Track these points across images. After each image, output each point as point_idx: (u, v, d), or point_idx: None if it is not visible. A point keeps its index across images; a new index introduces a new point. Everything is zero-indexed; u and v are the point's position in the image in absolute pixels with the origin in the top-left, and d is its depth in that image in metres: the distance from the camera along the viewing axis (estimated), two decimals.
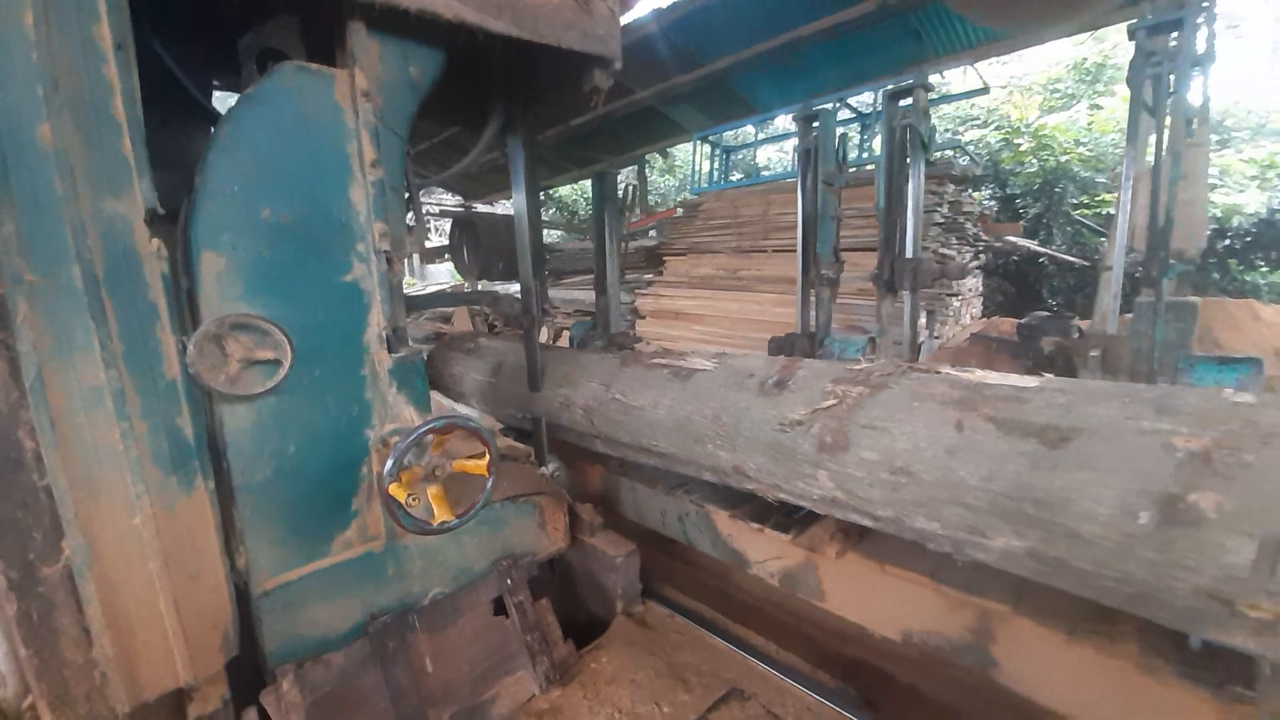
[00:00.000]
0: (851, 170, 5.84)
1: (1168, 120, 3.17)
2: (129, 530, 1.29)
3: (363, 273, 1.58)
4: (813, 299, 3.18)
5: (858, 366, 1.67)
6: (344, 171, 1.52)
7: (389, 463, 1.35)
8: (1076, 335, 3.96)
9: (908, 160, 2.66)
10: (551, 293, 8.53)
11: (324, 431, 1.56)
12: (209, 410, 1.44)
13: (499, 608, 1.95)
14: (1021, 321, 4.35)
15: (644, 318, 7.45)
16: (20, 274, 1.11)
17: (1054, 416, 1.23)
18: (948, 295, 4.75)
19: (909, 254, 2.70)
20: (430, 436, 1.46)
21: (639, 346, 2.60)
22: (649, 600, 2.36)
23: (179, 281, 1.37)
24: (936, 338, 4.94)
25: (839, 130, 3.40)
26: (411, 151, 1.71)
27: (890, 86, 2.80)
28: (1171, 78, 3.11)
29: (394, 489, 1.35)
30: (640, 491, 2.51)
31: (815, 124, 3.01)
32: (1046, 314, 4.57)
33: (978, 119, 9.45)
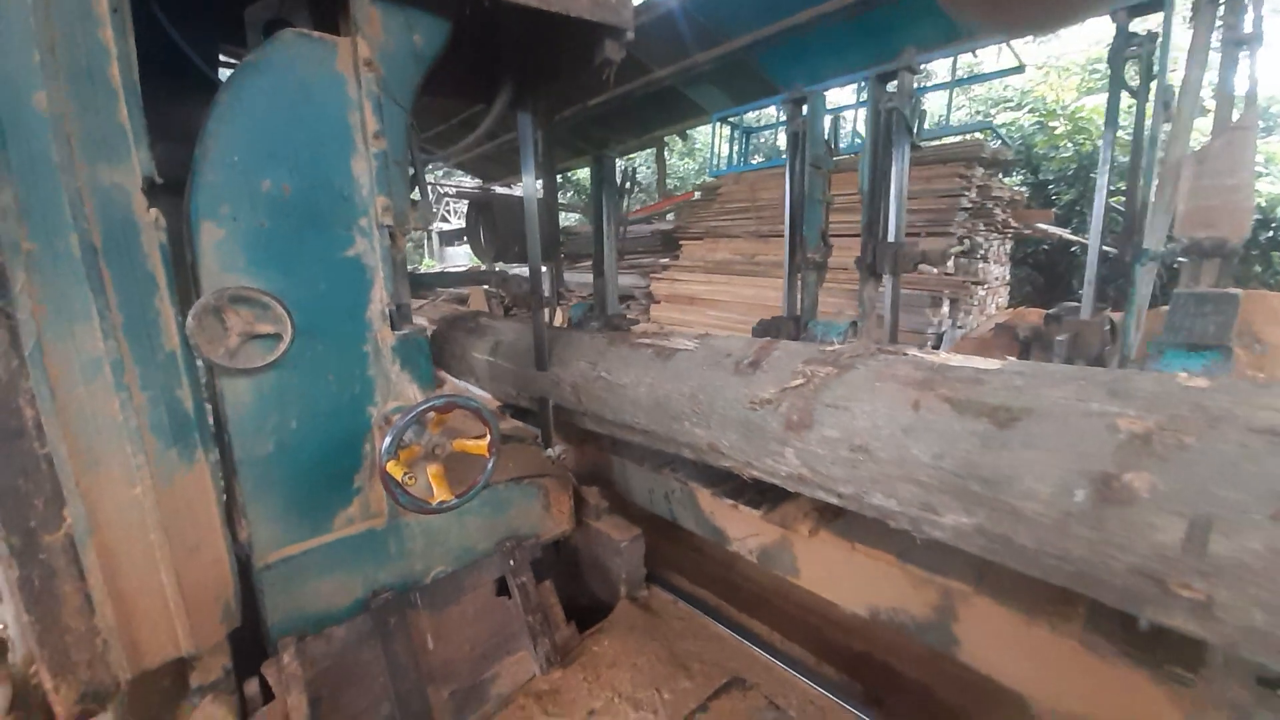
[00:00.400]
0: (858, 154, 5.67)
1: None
2: (129, 500, 1.29)
3: (365, 248, 1.55)
4: (799, 283, 3.19)
5: (830, 348, 1.69)
6: (346, 143, 1.48)
7: (387, 440, 1.33)
8: (1108, 327, 3.80)
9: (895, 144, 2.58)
10: (567, 275, 8.50)
11: (326, 407, 1.55)
12: (210, 383, 1.44)
13: (502, 588, 1.95)
14: (1049, 312, 4.18)
15: (659, 302, 7.38)
16: (18, 242, 1.10)
17: (1008, 398, 1.25)
18: (973, 284, 4.60)
19: (891, 238, 2.68)
20: (431, 415, 1.44)
21: (637, 329, 2.58)
22: (653, 585, 2.34)
23: (180, 253, 1.36)
24: (960, 328, 4.80)
25: (829, 115, 3.31)
26: (415, 124, 1.66)
27: (881, 69, 2.72)
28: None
29: (391, 467, 1.34)
30: (630, 469, 2.54)
31: (804, 107, 2.96)
32: (1076, 305, 4.40)
33: (1011, 100, 9.07)
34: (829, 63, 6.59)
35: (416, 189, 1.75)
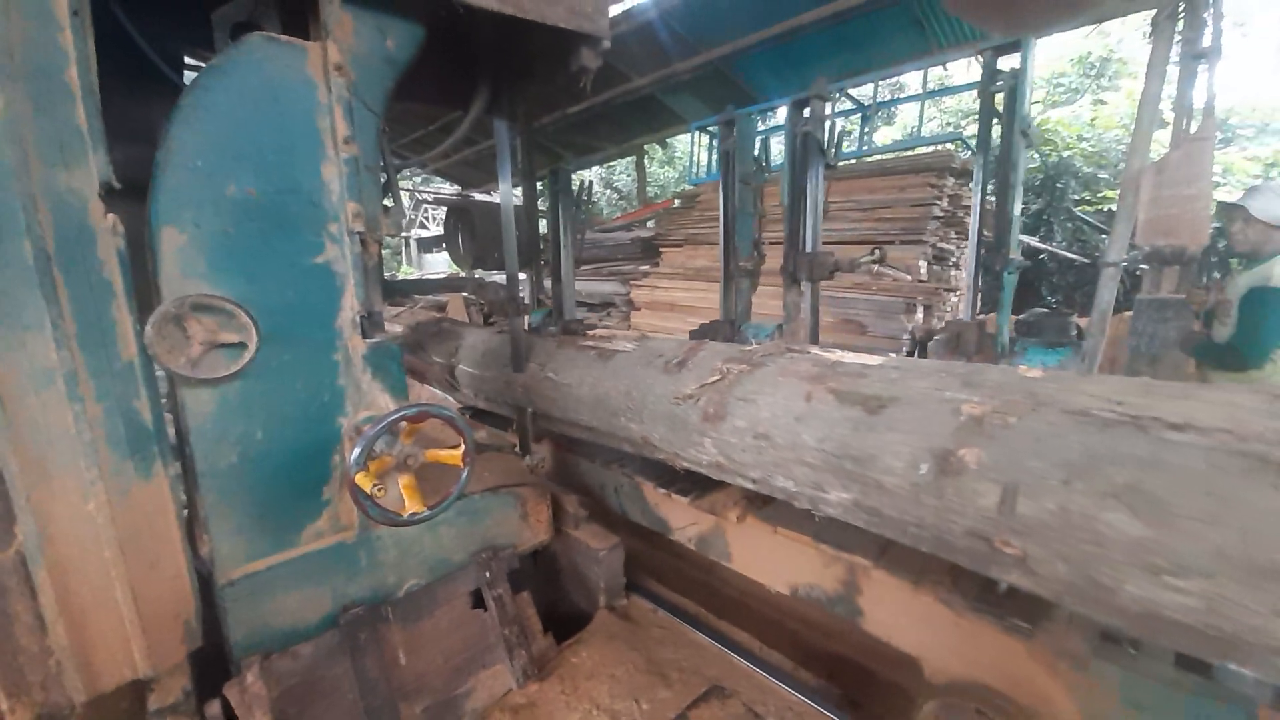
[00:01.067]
0: (851, 162, 5.78)
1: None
2: (83, 515, 1.24)
3: (335, 254, 1.52)
4: (734, 289, 3.47)
5: (748, 348, 1.84)
6: (315, 147, 1.46)
7: (355, 451, 1.30)
8: (1075, 333, 3.92)
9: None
10: (547, 283, 8.45)
11: (293, 418, 1.51)
12: (171, 394, 1.39)
13: (478, 600, 1.91)
14: (1019, 318, 4.29)
15: (639, 309, 7.39)
16: None
17: (881, 389, 1.41)
18: (945, 290, 4.70)
19: (809, 249, 2.89)
20: (403, 424, 1.41)
21: (595, 333, 2.77)
22: (632, 594, 2.33)
23: (143, 260, 1.32)
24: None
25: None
26: (388, 129, 1.64)
27: (796, 97, 2.98)
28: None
29: (360, 478, 1.30)
30: (584, 466, 2.65)
31: (735, 128, 3.24)
32: (1045, 311, 4.52)
33: (978, 113, 9.29)
34: (805, 72, 6.72)
35: (389, 195, 1.73)
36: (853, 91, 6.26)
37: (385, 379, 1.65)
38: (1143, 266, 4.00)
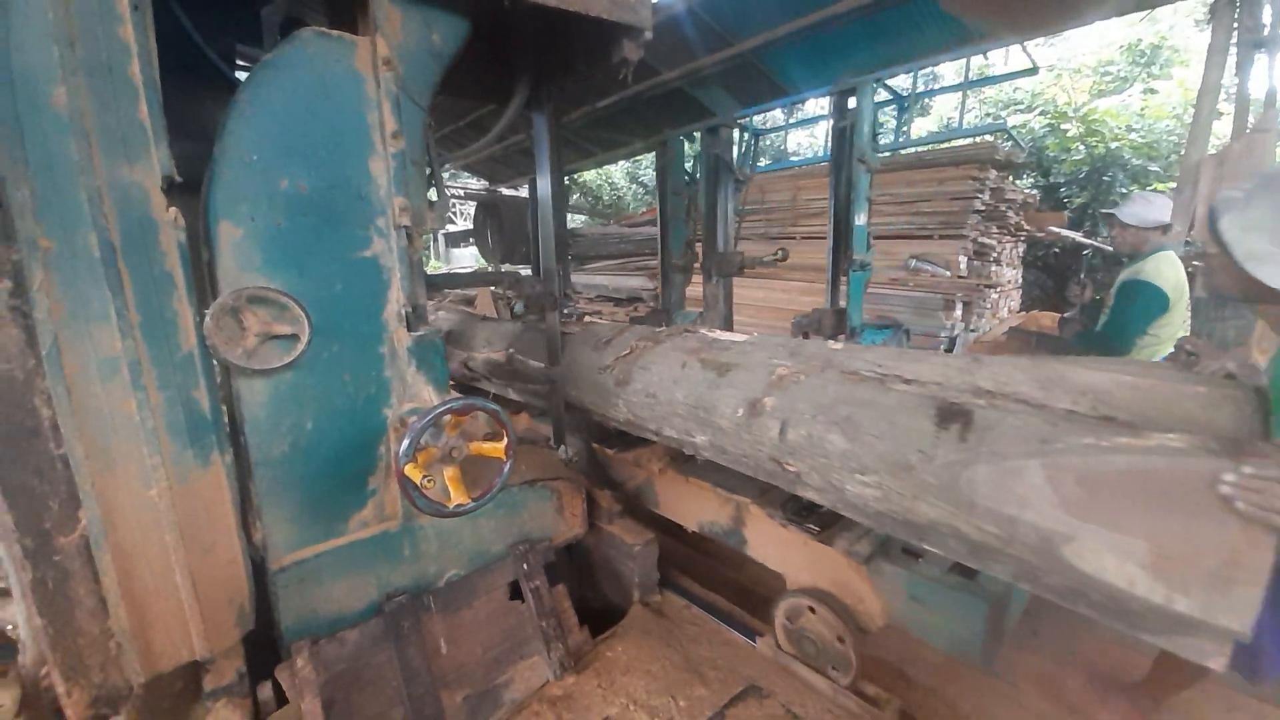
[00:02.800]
0: (886, 155, 5.63)
1: None
2: (145, 502, 1.28)
3: (382, 248, 1.54)
4: (670, 281, 3.88)
5: (659, 329, 2.29)
6: (364, 142, 1.47)
7: (405, 442, 1.31)
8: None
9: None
10: (574, 278, 8.47)
11: (341, 409, 1.54)
12: (227, 384, 1.42)
13: (515, 592, 1.93)
14: (1065, 315, 4.14)
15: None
16: (35, 240, 1.09)
17: (732, 358, 1.83)
18: (985, 286, 4.55)
19: (720, 249, 3.34)
20: (448, 417, 1.42)
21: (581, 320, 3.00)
22: (666, 590, 2.32)
23: (198, 253, 1.35)
24: (972, 330, 4.75)
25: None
26: (433, 124, 1.65)
27: (709, 124, 3.38)
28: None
29: (409, 470, 1.32)
30: (538, 428, 2.95)
31: (668, 147, 3.65)
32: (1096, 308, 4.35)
33: (1021, 103, 8.99)
34: (836, 64, 6.57)
35: (433, 189, 1.74)
36: (890, 82, 6.09)
37: (429, 372, 1.66)
38: (1195, 263, 3.82)
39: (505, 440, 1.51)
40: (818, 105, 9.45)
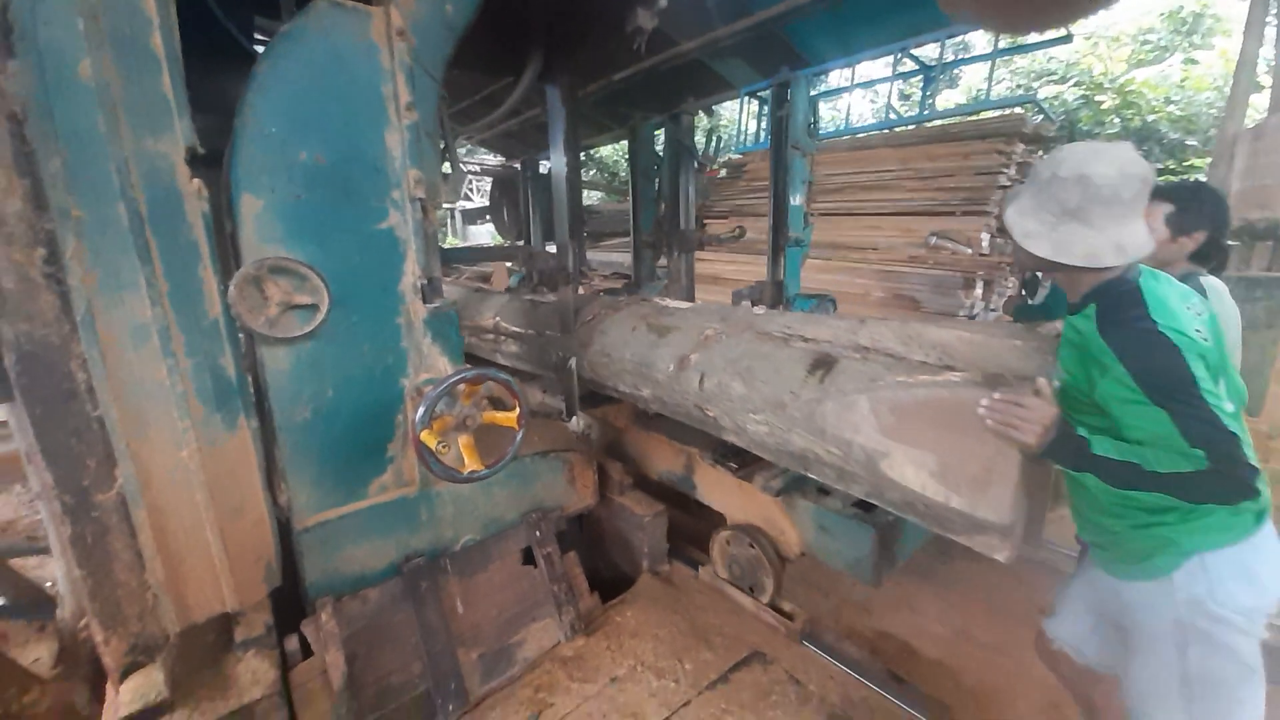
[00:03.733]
0: (911, 128, 5.48)
1: None
2: (176, 462, 1.34)
3: (398, 220, 1.56)
4: (640, 256, 4.02)
5: (621, 298, 2.60)
6: (379, 114, 1.49)
7: (421, 409, 1.35)
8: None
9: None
10: (589, 255, 8.44)
11: (360, 378, 1.59)
12: (251, 351, 1.47)
13: (528, 558, 1.99)
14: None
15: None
16: (68, 210, 1.13)
17: (672, 322, 2.10)
18: (1007, 265, 4.45)
19: (681, 227, 3.57)
20: (462, 386, 1.46)
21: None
22: (674, 560, 2.37)
23: (221, 223, 1.39)
24: (992, 310, 4.65)
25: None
26: (446, 96, 1.65)
27: (671, 112, 3.63)
28: None
29: (425, 436, 1.36)
30: (528, 392, 3.34)
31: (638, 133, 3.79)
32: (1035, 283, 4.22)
33: (1054, 73, 8.61)
34: (862, 33, 6.35)
35: (447, 162, 1.75)
36: (915, 51, 5.89)
37: (444, 343, 1.70)
38: (1228, 242, 3.69)
39: (517, 410, 1.54)
40: (840, 77, 9.18)
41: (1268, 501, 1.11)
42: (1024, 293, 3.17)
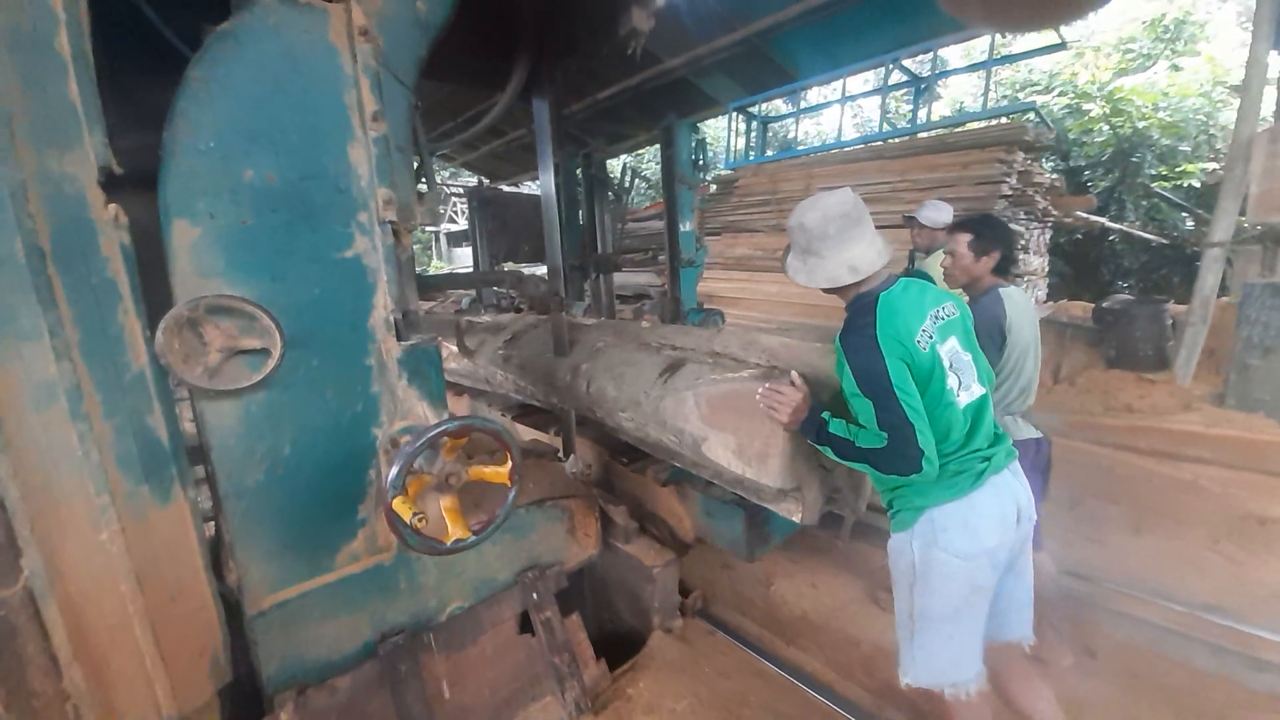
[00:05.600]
0: (903, 140, 5.40)
1: None
2: (95, 546, 1.11)
3: (366, 247, 1.35)
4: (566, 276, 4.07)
5: (543, 318, 2.70)
6: (341, 126, 1.28)
7: (392, 472, 1.13)
8: (1169, 323, 3.53)
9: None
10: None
11: (324, 430, 1.36)
12: (192, 407, 1.24)
13: (524, 624, 1.75)
14: (1104, 305, 3.90)
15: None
16: None
17: (577, 336, 2.34)
18: (1016, 276, 4.32)
19: (599, 251, 3.75)
20: (444, 440, 1.24)
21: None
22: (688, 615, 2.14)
23: (158, 257, 1.17)
24: None
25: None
26: (419, 105, 1.46)
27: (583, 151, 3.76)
28: None
29: (399, 504, 1.13)
30: (476, 405, 3.44)
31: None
32: (1132, 299, 4.09)
33: (1038, 84, 8.66)
34: (849, 47, 6.31)
35: (423, 180, 1.56)
36: (907, 62, 5.84)
37: (422, 385, 1.48)
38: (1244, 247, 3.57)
39: (510, 463, 1.32)
40: (820, 94, 9.19)
41: (983, 470, 1.35)
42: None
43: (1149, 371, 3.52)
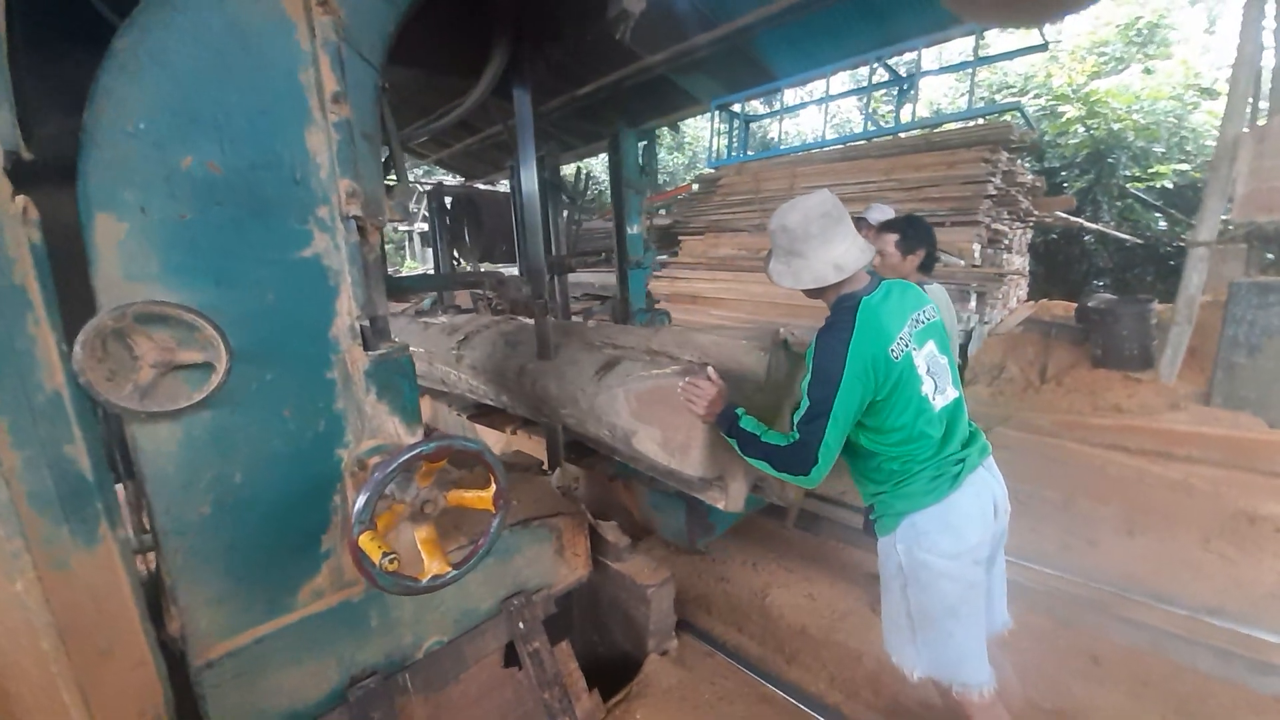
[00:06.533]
0: (887, 139, 5.37)
1: None
2: (8, 598, 0.94)
3: (327, 245, 1.20)
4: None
5: (496, 318, 2.89)
6: (297, 108, 1.13)
7: (358, 503, 0.99)
8: (1154, 322, 3.53)
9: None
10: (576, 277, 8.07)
11: (282, 454, 1.20)
12: (123, 431, 1.08)
13: (510, 656, 1.61)
14: (1088, 304, 3.91)
15: (659, 302, 7.04)
16: None
17: (524, 337, 2.23)
18: (1000, 275, 4.31)
19: (554, 254, 3.78)
20: (420, 464, 1.09)
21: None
22: (683, 633, 2.02)
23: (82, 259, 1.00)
24: (985, 322, 4.49)
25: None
26: (388, 88, 1.32)
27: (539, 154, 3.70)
28: None
29: (366, 540, 0.99)
30: (437, 409, 3.48)
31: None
32: (1116, 298, 4.10)
33: (1013, 86, 8.79)
34: (829, 47, 6.28)
35: (393, 172, 1.41)
36: (890, 61, 5.82)
37: (394, 400, 1.33)
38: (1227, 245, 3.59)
39: (494, 487, 1.19)
40: (797, 95, 9.20)
41: (959, 471, 1.36)
42: None
43: (1135, 371, 3.52)
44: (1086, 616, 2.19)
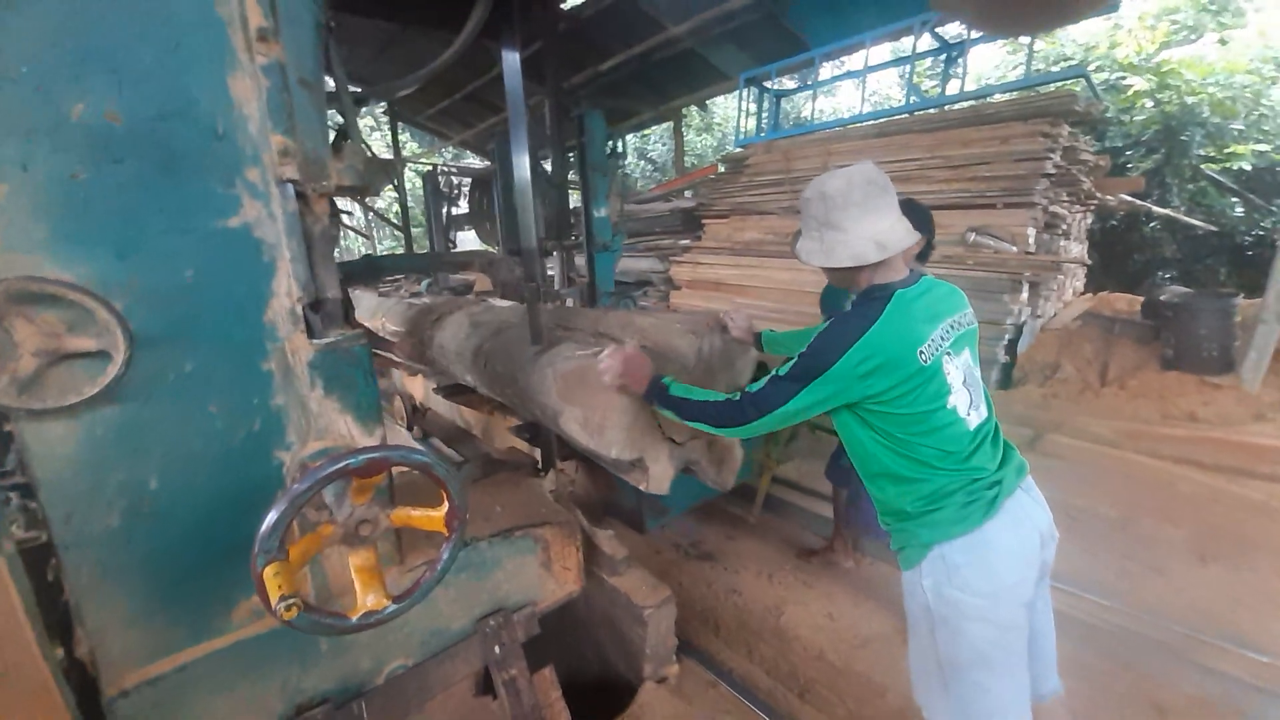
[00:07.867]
0: (932, 113, 4.96)
1: None
2: None
3: (259, 214, 1.02)
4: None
5: (466, 299, 3.03)
6: (216, 45, 0.95)
7: (263, 528, 0.81)
8: (1237, 319, 3.13)
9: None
10: (579, 259, 7.90)
11: (208, 455, 1.04)
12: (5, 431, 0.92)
13: (485, 683, 1.44)
14: (1161, 298, 3.51)
15: (679, 288, 6.78)
16: None
17: (487, 318, 2.29)
18: (1057, 264, 3.91)
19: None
20: (352, 480, 0.91)
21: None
22: (685, 657, 1.83)
23: None
24: (1038, 316, 4.10)
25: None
26: (333, 28, 1.12)
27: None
28: None
29: (271, 574, 0.81)
30: (428, 388, 3.37)
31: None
32: (1192, 291, 3.67)
33: (1071, 58, 8.09)
34: (867, 13, 5.85)
35: (345, 130, 1.21)
36: (938, 29, 5.38)
37: (346, 395, 1.16)
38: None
39: (446, 505, 1.00)
40: (834, 70, 8.73)
41: (995, 495, 1.16)
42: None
43: (1213, 375, 3.13)
44: (1150, 658, 1.91)
